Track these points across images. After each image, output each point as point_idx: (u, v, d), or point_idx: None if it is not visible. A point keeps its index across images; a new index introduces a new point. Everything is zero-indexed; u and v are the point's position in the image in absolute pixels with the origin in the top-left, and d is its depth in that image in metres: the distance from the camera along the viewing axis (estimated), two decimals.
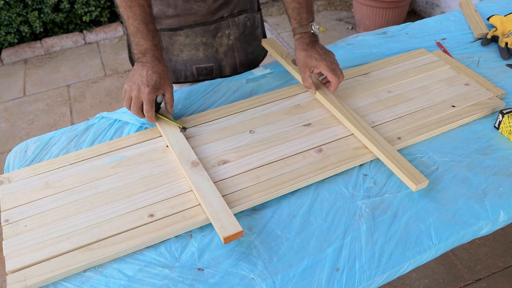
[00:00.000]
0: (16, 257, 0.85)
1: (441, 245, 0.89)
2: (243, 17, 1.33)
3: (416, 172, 0.98)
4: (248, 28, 1.37)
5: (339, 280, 0.83)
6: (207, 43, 1.32)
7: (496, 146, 1.08)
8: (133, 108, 1.06)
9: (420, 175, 0.97)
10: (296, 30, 1.20)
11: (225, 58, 1.37)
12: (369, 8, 3.13)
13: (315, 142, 1.08)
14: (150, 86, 1.03)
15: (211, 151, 1.06)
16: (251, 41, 1.40)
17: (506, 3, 1.67)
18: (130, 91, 1.05)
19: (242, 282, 0.83)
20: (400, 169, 0.99)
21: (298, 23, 1.20)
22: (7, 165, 1.08)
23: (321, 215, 0.94)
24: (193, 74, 1.38)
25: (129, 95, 1.06)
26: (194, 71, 1.37)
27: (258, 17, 1.41)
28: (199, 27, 1.29)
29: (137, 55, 1.08)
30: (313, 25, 1.19)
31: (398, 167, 0.99)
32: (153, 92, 1.04)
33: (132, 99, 1.05)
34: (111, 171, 1.03)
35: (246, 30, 1.36)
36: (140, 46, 1.07)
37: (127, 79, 1.07)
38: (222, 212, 0.89)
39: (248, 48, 1.40)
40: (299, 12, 1.19)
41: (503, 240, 1.90)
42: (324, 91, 1.20)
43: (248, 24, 1.36)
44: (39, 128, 2.64)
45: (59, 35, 3.30)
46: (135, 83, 1.04)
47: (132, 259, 0.87)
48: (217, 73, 1.40)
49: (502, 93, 1.21)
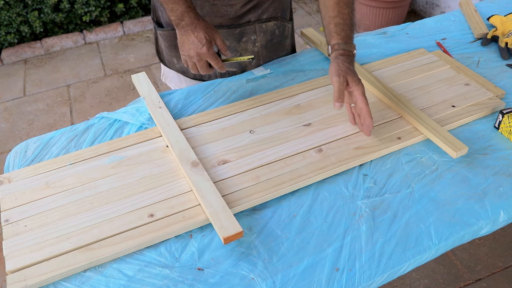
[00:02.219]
0: (16, 257, 0.85)
1: (441, 245, 0.89)
2: (272, 24, 1.29)
3: (455, 140, 1.04)
4: (277, 37, 1.33)
5: (339, 280, 0.83)
6: (231, 47, 1.30)
7: (496, 146, 1.08)
8: (203, 71, 1.13)
9: (460, 142, 1.03)
10: (341, 46, 1.11)
11: (250, 65, 1.34)
12: (369, 8, 3.13)
13: (315, 142, 1.08)
14: (205, 45, 1.08)
15: (211, 151, 1.06)
16: (279, 51, 1.36)
17: (506, 3, 1.67)
18: (190, 60, 1.12)
19: (242, 282, 0.83)
20: (439, 137, 1.04)
21: (342, 39, 1.11)
22: (7, 165, 1.08)
23: (321, 215, 0.94)
24: (216, 74, 1.37)
25: (192, 63, 1.13)
26: (217, 73, 1.36)
27: (289, 27, 1.36)
28: (224, 30, 1.27)
29: (175, 21, 1.11)
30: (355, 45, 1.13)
31: (436, 136, 1.05)
32: (210, 47, 1.10)
33: (197, 65, 1.12)
34: (111, 171, 1.03)
35: (274, 38, 1.32)
36: (175, 11, 1.09)
37: (180, 50, 1.13)
38: (222, 212, 0.89)
39: (275, 58, 1.37)
40: (343, 29, 1.12)
41: (503, 240, 1.90)
42: None
43: (277, 33, 1.32)
44: (39, 128, 2.64)
45: (59, 35, 3.30)
46: (190, 50, 1.10)
47: (132, 259, 0.87)
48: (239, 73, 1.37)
49: (502, 93, 1.21)
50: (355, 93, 1.04)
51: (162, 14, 1.30)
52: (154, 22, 1.35)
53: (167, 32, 1.30)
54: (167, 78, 1.49)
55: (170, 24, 1.29)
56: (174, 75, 1.45)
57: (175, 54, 1.34)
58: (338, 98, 1.04)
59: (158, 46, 1.40)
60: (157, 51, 1.42)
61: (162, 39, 1.34)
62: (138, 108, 1.20)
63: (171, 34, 1.30)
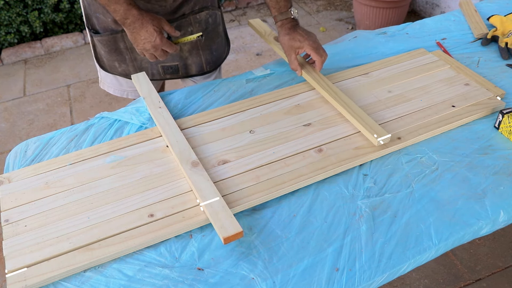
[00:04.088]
0: (16, 257, 0.85)
1: (441, 245, 0.89)
2: (205, 13, 1.32)
3: (378, 127, 1.07)
4: (211, 25, 1.36)
5: (339, 280, 0.83)
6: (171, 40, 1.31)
7: (496, 146, 1.08)
8: (161, 58, 1.19)
9: (382, 129, 1.07)
10: (277, 18, 1.25)
11: (190, 56, 1.37)
12: (369, 8, 3.13)
13: (315, 142, 1.08)
14: (157, 37, 1.14)
15: (211, 151, 1.06)
16: (215, 38, 1.40)
17: (506, 3, 1.67)
18: (147, 52, 1.17)
19: (242, 282, 0.83)
20: (364, 125, 1.08)
21: (277, 11, 1.25)
22: (7, 165, 1.08)
23: (321, 215, 0.94)
24: (159, 73, 1.38)
25: (149, 54, 1.18)
26: (160, 69, 1.37)
27: (219, 14, 1.41)
28: None
29: (121, 20, 1.14)
30: (292, 10, 1.25)
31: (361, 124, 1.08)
32: (163, 37, 1.15)
33: (156, 54, 1.18)
34: (111, 171, 1.03)
35: (208, 27, 1.36)
36: (118, 11, 1.12)
37: (134, 45, 1.17)
38: (222, 212, 0.89)
39: (213, 45, 1.40)
40: (277, 1, 1.24)
41: (503, 240, 1.90)
42: (310, 71, 1.26)
43: (210, 21, 1.35)
44: (39, 128, 2.64)
45: (59, 35, 3.30)
46: (145, 44, 1.15)
47: (132, 259, 0.87)
48: (183, 72, 1.39)
49: (502, 93, 1.21)
50: (307, 51, 1.21)
51: (98, 21, 1.30)
52: (90, 30, 1.34)
53: (105, 37, 1.30)
54: (104, 84, 1.48)
55: (107, 29, 1.30)
56: (112, 79, 1.44)
57: (116, 58, 1.34)
58: (294, 68, 1.25)
59: (97, 53, 1.38)
60: (96, 58, 1.40)
61: (100, 45, 1.33)
62: (138, 108, 1.20)
63: (110, 39, 1.30)
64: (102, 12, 1.26)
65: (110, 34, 1.29)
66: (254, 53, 3.13)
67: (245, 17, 3.57)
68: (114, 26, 1.28)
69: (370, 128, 1.07)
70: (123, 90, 1.45)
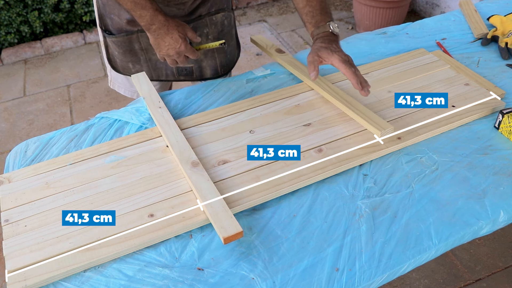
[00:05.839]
0: (16, 257, 0.85)
1: (441, 245, 0.89)
2: (221, 15, 1.32)
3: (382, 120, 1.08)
4: (226, 27, 1.36)
5: (339, 280, 0.83)
6: None
7: (496, 146, 1.08)
8: (183, 64, 1.20)
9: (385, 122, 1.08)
10: (314, 33, 1.16)
11: (205, 59, 1.36)
12: (369, 8, 3.13)
13: (315, 142, 1.08)
14: (182, 43, 1.14)
15: (211, 151, 1.06)
16: (229, 41, 1.39)
17: (506, 3, 1.67)
18: (169, 58, 1.17)
19: (242, 282, 0.83)
20: (366, 119, 1.08)
21: (314, 26, 1.16)
22: (7, 165, 1.08)
23: (321, 215, 0.94)
24: (173, 73, 1.38)
25: (171, 60, 1.18)
26: (174, 70, 1.37)
27: (233, 17, 1.40)
28: None
29: (146, 26, 1.14)
30: (331, 24, 1.14)
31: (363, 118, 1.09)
32: (187, 43, 1.16)
33: (178, 61, 1.18)
34: (111, 171, 1.03)
35: (224, 29, 1.35)
36: (144, 17, 1.12)
37: (157, 51, 1.17)
38: (222, 212, 0.89)
39: (228, 48, 1.40)
40: (313, 15, 1.16)
41: (503, 240, 1.90)
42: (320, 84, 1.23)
43: (225, 23, 1.35)
44: (39, 128, 2.64)
45: (59, 35, 3.30)
46: (168, 50, 1.15)
47: (132, 259, 0.87)
48: (198, 75, 1.39)
49: (502, 93, 1.21)
50: (335, 64, 1.10)
51: (112, 22, 1.29)
52: (103, 30, 1.33)
53: (120, 38, 1.29)
54: (115, 84, 1.48)
55: (121, 30, 1.29)
56: (123, 79, 1.44)
57: (131, 59, 1.34)
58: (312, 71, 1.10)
59: (109, 54, 1.37)
60: (108, 59, 1.39)
61: (114, 46, 1.33)
62: (138, 108, 1.20)
63: (124, 40, 1.29)
64: (117, 13, 1.26)
65: (125, 35, 1.28)
66: (254, 53, 3.13)
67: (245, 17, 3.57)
68: (128, 27, 1.27)
69: (376, 123, 1.08)
70: (134, 91, 1.45)
